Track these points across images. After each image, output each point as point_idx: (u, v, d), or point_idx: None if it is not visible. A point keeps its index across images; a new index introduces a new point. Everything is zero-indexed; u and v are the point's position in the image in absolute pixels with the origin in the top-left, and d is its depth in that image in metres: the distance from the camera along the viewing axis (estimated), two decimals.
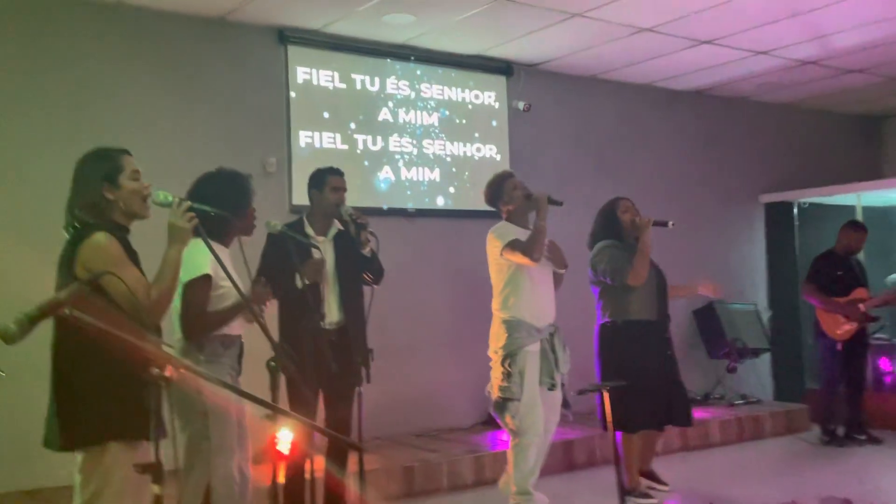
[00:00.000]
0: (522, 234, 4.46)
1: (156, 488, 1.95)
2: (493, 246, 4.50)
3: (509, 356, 4.40)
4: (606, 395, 3.45)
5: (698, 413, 6.92)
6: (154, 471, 1.93)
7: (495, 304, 4.55)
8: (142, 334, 2.42)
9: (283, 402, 3.84)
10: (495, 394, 4.46)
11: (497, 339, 4.50)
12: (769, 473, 5.94)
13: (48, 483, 4.54)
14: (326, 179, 4.20)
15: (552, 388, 4.47)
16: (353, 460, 4.17)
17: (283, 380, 3.44)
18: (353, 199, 5.91)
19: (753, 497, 4.96)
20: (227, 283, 3.19)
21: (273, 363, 2.81)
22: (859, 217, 7.65)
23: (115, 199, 2.77)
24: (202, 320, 3.26)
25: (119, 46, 5.34)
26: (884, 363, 7.76)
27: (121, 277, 2.56)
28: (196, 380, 3.03)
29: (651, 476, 5.10)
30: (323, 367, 3.79)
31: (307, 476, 3.98)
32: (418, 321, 6.33)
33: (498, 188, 4.62)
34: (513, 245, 4.38)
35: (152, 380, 1.91)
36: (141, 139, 5.24)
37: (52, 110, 5.09)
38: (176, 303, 3.26)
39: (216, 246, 3.15)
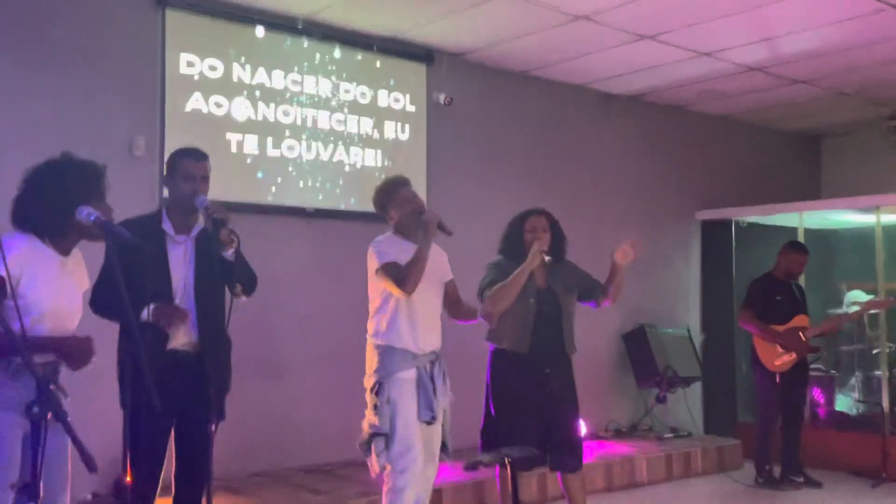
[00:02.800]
0: (408, 251, 3.75)
1: None
2: (372, 262, 3.83)
3: (378, 384, 3.76)
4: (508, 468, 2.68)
5: (626, 448, 6.32)
6: None
7: (369, 328, 3.88)
8: None
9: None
10: (364, 429, 3.80)
11: (369, 367, 3.84)
12: None
13: None
14: (178, 163, 3.37)
15: (431, 421, 3.79)
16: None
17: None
18: (239, 192, 5.17)
19: None
20: (35, 295, 2.43)
21: (36, 408, 1.95)
22: (801, 239, 7.13)
23: None
24: None
25: None
26: (817, 394, 7.27)
27: None
28: None
29: None
30: (176, 397, 3.01)
31: None
32: (310, 339, 5.51)
33: (389, 195, 3.93)
34: (387, 269, 3.73)
35: None
36: None
37: None
38: None
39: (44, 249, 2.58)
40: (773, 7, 5.25)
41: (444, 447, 3.94)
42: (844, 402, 7.28)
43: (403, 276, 3.67)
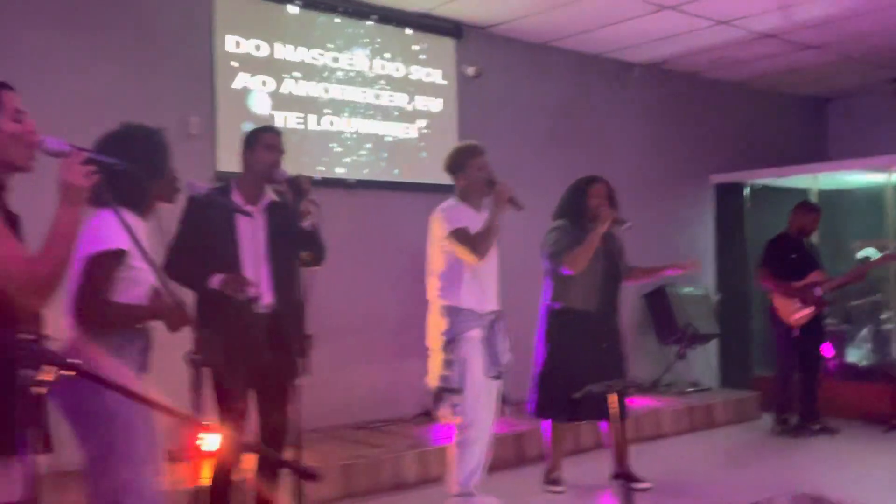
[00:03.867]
0: (472, 218, 4.03)
1: None
2: (440, 227, 4.09)
3: (450, 343, 4.03)
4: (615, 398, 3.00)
5: (650, 401, 6.66)
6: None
7: (433, 289, 4.15)
8: (13, 322, 1.82)
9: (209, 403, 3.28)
10: (434, 384, 4.09)
11: (436, 326, 4.11)
12: (725, 465, 5.67)
13: None
14: (259, 137, 3.61)
15: (498, 377, 4.10)
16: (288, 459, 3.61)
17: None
18: (284, 167, 5.40)
19: (710, 490, 4.63)
20: (141, 265, 2.62)
21: (195, 357, 2.22)
22: (815, 198, 7.42)
23: None
24: (100, 307, 2.61)
25: None
26: (826, 349, 7.60)
27: None
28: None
29: (628, 476, 4.71)
30: (255, 359, 3.23)
31: (234, 478, 3.44)
32: (357, 305, 5.78)
33: (462, 161, 4.17)
34: (459, 235, 3.99)
35: (23, 384, 1.33)
36: (39, 85, 4.49)
37: None
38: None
39: (130, 216, 2.59)
40: None
41: (505, 399, 4.26)
42: (856, 355, 7.61)
43: (476, 243, 3.93)
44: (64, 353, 1.67)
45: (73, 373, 1.57)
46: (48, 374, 1.41)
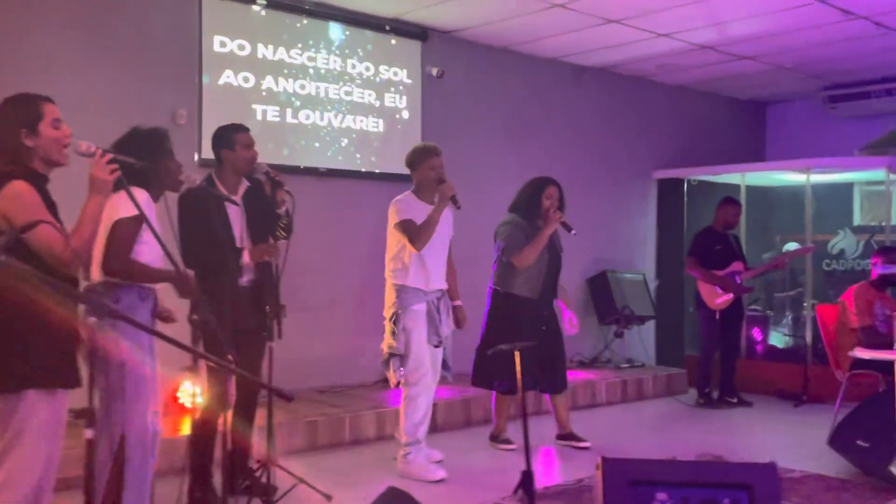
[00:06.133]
0: (422, 211, 4.65)
1: (88, 433, 2.02)
2: (392, 217, 4.73)
3: (396, 315, 4.66)
4: (517, 356, 3.69)
5: (588, 375, 7.39)
6: (88, 416, 2.00)
7: (387, 270, 4.78)
8: (63, 285, 2.45)
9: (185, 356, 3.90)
10: (384, 351, 4.73)
11: (388, 301, 4.75)
12: (650, 430, 6.40)
13: None
14: (235, 137, 4.18)
15: (438, 345, 4.76)
16: (260, 415, 4.26)
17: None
18: (261, 157, 5.98)
19: (635, 451, 5.34)
20: (151, 238, 3.22)
21: (195, 317, 2.87)
22: (742, 195, 8.19)
23: (34, 146, 2.75)
24: (125, 261, 3.23)
25: None
26: (756, 332, 8.40)
27: (40, 226, 2.57)
28: (114, 331, 3.08)
29: (570, 437, 5.50)
30: (240, 323, 3.84)
31: (218, 429, 4.05)
32: (325, 281, 6.42)
33: (418, 159, 4.78)
34: (404, 226, 4.62)
35: (75, 330, 1.97)
36: (43, 83, 5.01)
37: None
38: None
39: (144, 198, 3.21)
40: (720, 0, 6.18)
41: (446, 366, 4.92)
42: (777, 338, 8.42)
43: (416, 234, 4.56)
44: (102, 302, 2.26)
45: (114, 317, 2.21)
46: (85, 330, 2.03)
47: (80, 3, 5.35)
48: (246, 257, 3.98)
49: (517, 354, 3.64)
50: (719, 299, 7.04)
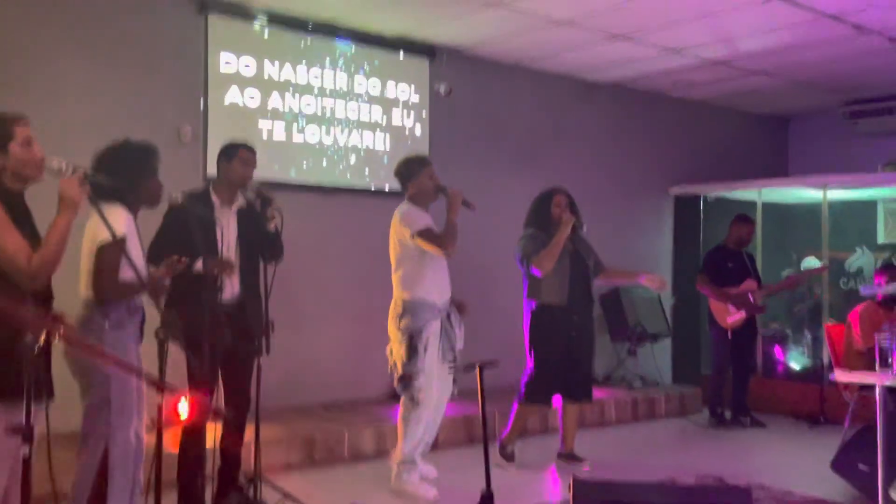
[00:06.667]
0: (425, 218, 4.67)
1: (25, 449, 2.05)
2: (401, 228, 4.68)
3: (414, 334, 4.62)
4: (478, 370, 3.68)
5: (598, 393, 7.29)
6: (24, 432, 2.03)
7: (396, 283, 4.74)
8: (21, 299, 2.49)
9: (180, 373, 3.94)
10: (399, 371, 4.68)
11: (399, 317, 4.69)
12: (654, 451, 6.30)
13: None
14: (237, 152, 4.25)
15: (453, 361, 4.74)
16: (250, 429, 4.28)
17: (176, 351, 3.56)
18: (269, 173, 6.06)
19: (634, 472, 5.25)
20: (137, 253, 3.28)
21: (161, 333, 2.91)
22: (759, 212, 8.07)
23: (3, 164, 2.82)
24: (114, 285, 3.33)
25: (33, 5, 5.28)
26: (777, 352, 8.25)
27: None
28: (99, 346, 3.16)
29: (571, 457, 5.47)
30: (219, 340, 3.87)
31: (205, 444, 4.08)
32: (329, 295, 6.46)
33: (413, 170, 4.81)
34: (427, 235, 4.60)
35: (26, 346, 2.01)
36: (50, 100, 5.25)
37: None
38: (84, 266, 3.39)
39: (121, 211, 3.28)
40: (727, 17, 6.11)
41: (453, 381, 4.88)
42: (794, 357, 8.25)
43: (446, 239, 4.56)
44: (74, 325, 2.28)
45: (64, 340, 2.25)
46: (45, 338, 2.06)
47: (86, 24, 5.47)
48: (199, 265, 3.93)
49: (477, 369, 3.62)
50: (731, 318, 6.93)
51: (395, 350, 4.72)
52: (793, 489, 4.96)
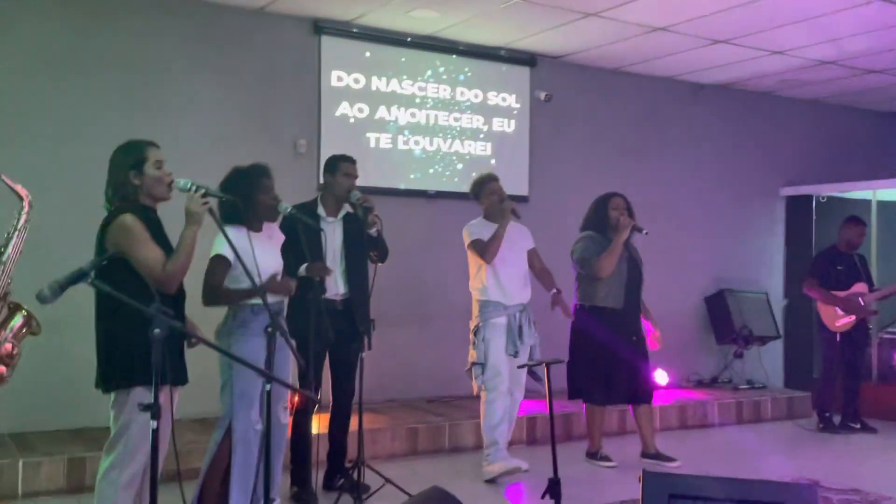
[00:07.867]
0: (491, 230, 5.03)
1: (153, 423, 2.47)
2: (465, 239, 5.17)
3: (477, 327, 5.08)
4: (545, 368, 3.92)
5: (701, 395, 7.34)
6: (152, 409, 2.45)
7: (471, 287, 5.20)
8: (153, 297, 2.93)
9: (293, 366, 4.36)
10: (469, 360, 5.14)
11: (473, 314, 5.16)
12: (754, 453, 6.26)
13: (93, 423, 5.08)
14: (339, 165, 4.66)
15: (515, 355, 5.04)
16: (354, 419, 4.66)
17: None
18: (378, 181, 6.46)
19: (724, 473, 5.26)
20: (249, 262, 3.69)
21: (269, 329, 3.32)
22: (874, 212, 7.84)
23: (140, 184, 3.28)
24: (213, 294, 3.80)
25: (169, 32, 5.88)
26: (894, 357, 7.97)
27: (132, 255, 3.09)
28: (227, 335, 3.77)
29: (657, 456, 5.54)
30: (324, 334, 4.27)
31: (311, 431, 4.50)
32: (435, 295, 6.81)
33: (479, 188, 5.24)
34: (473, 245, 5.08)
35: (155, 337, 2.42)
36: (184, 117, 5.85)
37: (111, 85, 5.66)
38: None
39: (240, 230, 3.71)
40: (830, 18, 6.04)
41: (536, 377, 5.12)
42: None
43: (485, 248, 4.98)
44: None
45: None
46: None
47: (212, 49, 6.04)
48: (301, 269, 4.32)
49: (545, 367, 3.84)
50: (840, 321, 6.81)
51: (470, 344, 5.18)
52: (892, 495, 4.89)
